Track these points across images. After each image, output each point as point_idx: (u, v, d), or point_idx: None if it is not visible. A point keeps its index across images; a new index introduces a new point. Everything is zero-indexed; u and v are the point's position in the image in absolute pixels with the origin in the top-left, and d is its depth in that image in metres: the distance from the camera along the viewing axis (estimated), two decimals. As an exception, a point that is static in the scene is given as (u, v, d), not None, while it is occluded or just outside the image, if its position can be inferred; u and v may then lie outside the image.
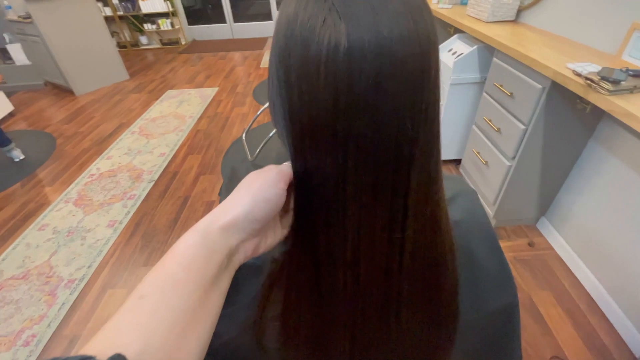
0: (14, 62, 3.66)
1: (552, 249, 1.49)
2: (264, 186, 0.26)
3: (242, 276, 0.40)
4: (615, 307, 1.20)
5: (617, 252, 1.20)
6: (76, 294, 1.43)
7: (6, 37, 3.64)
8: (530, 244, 1.51)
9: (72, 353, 0.17)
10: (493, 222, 1.58)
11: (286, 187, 0.27)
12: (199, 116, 2.90)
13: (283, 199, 0.26)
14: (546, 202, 1.52)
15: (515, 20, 1.68)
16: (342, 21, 0.21)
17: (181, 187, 2.02)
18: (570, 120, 1.22)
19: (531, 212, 1.56)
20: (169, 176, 2.13)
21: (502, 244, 1.51)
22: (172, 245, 0.23)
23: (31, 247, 1.68)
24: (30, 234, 1.75)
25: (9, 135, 2.33)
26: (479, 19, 1.70)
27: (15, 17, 3.35)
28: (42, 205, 1.96)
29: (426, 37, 0.23)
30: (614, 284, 1.21)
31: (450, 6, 2.07)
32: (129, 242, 1.66)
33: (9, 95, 3.15)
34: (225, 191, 0.70)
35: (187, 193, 1.96)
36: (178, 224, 1.74)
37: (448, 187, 0.34)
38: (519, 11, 1.66)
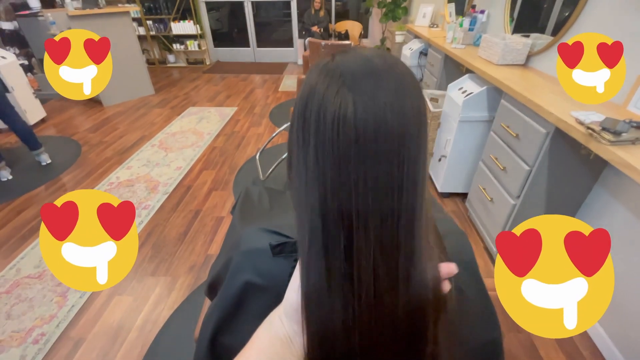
0: (51, 72, 3.94)
1: (556, 291, 1.47)
2: None
3: (249, 294, 0.45)
4: (619, 356, 1.17)
5: (622, 301, 1.18)
6: (85, 297, 1.48)
7: (48, 49, 3.94)
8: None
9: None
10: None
11: None
12: (216, 133, 3.03)
13: None
14: (551, 243, 1.52)
15: (525, 65, 1.75)
16: (350, 92, 0.28)
17: (193, 201, 2.09)
18: (575, 164, 1.25)
19: (536, 252, 1.55)
20: (182, 189, 2.22)
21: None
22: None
23: (48, 248, 1.76)
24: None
25: (39, 140, 2.49)
26: (489, 62, 1.78)
27: (57, 32, 3.64)
28: (62, 208, 2.05)
29: (412, 109, 0.29)
30: (618, 333, 1.19)
31: (463, 47, 2.17)
32: (139, 251, 1.72)
33: (43, 102, 3.38)
34: (239, 211, 0.76)
35: (199, 207, 2.03)
36: (187, 237, 1.80)
37: (439, 228, 0.39)
38: (529, 56, 1.74)
